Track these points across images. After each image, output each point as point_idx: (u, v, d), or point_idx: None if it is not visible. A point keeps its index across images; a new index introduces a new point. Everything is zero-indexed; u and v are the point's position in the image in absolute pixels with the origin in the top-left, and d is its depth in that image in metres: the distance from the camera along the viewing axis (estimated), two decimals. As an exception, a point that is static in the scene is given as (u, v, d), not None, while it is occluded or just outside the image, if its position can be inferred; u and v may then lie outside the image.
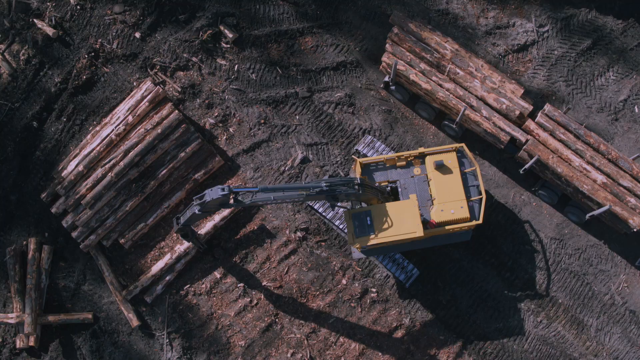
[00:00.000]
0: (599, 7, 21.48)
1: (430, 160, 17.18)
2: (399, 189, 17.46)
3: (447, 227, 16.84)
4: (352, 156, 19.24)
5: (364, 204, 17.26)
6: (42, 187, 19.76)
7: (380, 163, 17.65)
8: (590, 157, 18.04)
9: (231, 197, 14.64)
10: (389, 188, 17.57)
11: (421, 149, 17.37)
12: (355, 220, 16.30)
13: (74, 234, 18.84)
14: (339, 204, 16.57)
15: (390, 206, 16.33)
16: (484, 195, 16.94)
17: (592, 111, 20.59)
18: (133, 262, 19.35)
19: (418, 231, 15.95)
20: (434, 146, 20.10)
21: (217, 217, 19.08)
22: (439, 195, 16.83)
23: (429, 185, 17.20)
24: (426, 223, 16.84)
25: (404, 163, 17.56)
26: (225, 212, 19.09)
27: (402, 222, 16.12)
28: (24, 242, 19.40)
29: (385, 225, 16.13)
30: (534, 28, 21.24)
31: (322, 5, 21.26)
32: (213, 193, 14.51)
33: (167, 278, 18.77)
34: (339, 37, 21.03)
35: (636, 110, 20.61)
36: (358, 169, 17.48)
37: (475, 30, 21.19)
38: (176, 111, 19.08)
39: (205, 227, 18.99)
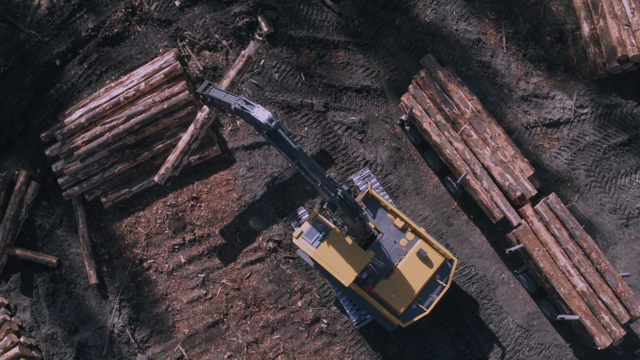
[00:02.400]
0: (648, 104, 20.25)
1: (419, 245, 16.76)
2: (376, 240, 17.15)
3: (376, 303, 16.49)
4: (367, 182, 18.79)
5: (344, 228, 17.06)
6: (47, 126, 20.17)
7: (384, 207, 17.27)
8: (578, 261, 17.22)
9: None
10: (371, 233, 17.31)
11: (423, 231, 16.93)
12: (314, 225, 16.24)
13: (60, 180, 19.26)
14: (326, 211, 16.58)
15: (349, 244, 16.07)
16: (427, 312, 16.48)
17: (604, 209, 19.59)
18: (109, 221, 19.71)
19: (346, 280, 15.75)
20: (430, 198, 19.55)
21: (233, 73, 19.23)
22: (397, 276, 16.51)
23: (398, 260, 16.82)
24: (365, 284, 16.56)
25: (400, 225, 17.19)
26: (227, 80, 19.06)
27: (343, 263, 15.88)
28: (16, 172, 19.95)
29: (329, 252, 15.98)
30: (572, 106, 20.19)
31: (366, 24, 20.66)
32: (261, 114, 14.08)
33: (193, 147, 19.00)
34: (371, 60, 20.46)
35: (651, 221, 19.51)
36: (361, 196, 17.27)
37: (511, 92, 20.28)
38: (187, 91, 19.05)
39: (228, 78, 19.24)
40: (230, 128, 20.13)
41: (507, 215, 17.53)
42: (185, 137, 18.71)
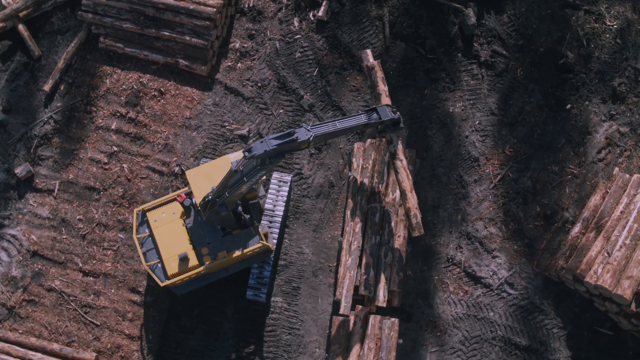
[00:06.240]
0: (570, 336, 18.38)
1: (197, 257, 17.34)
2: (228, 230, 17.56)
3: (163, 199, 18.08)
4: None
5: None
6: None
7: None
8: (362, 387, 16.41)
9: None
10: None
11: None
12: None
13: (83, 2, 21.26)
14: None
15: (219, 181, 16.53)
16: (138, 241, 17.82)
17: (448, 381, 18.29)
18: (93, 58, 21.44)
19: (188, 172, 17.49)
20: (321, 243, 19.32)
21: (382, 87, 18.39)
22: (177, 227, 17.66)
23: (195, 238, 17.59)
24: (186, 195, 17.79)
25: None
26: None
27: (205, 176, 17.15)
28: (71, -25, 22.25)
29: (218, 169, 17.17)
30: (503, 279, 18.84)
31: (400, 72, 20.45)
32: (301, 134, 15.18)
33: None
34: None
35: None
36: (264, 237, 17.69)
37: (463, 222, 19.30)
38: (216, 9, 20.08)
39: None
40: (229, 64, 21.01)
41: (342, 300, 16.99)
42: (402, 175, 17.02)
